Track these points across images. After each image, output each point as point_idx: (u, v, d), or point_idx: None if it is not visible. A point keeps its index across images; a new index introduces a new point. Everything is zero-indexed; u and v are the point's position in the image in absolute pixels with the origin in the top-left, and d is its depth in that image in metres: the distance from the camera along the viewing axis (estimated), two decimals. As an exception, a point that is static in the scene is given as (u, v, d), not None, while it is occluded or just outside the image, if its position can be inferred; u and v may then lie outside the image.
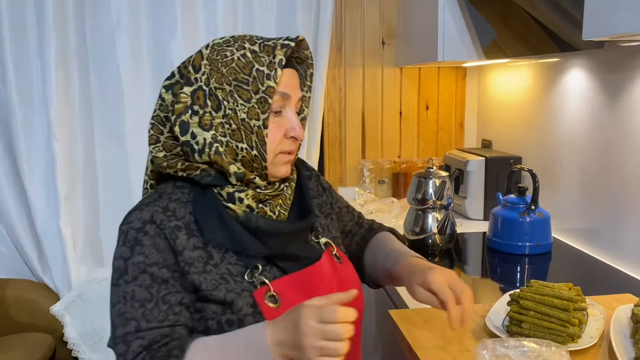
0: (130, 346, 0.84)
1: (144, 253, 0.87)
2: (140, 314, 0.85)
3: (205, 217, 0.91)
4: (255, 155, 0.92)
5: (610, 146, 1.62)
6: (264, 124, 0.91)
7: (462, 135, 2.62)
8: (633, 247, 1.53)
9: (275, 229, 0.93)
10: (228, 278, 0.90)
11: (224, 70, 0.91)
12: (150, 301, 0.86)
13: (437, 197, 1.72)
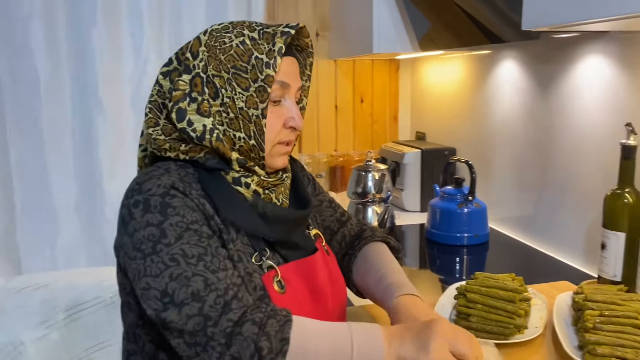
0: (207, 301, 0.77)
1: (179, 213, 0.83)
2: (202, 267, 0.79)
3: (218, 196, 0.88)
4: (253, 144, 0.90)
5: (543, 136, 1.66)
6: (263, 114, 0.88)
7: (397, 128, 2.63)
8: (566, 234, 1.58)
9: (281, 215, 0.93)
10: (242, 257, 0.88)
11: (222, 58, 0.88)
12: (206, 254, 0.81)
13: (376, 190, 1.70)
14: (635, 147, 1.22)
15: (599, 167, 1.44)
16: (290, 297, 0.89)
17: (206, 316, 0.76)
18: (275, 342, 0.74)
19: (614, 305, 1.02)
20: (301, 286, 0.92)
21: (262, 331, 0.75)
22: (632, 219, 1.23)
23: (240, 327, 0.75)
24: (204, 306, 0.77)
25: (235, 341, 0.74)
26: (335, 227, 1.15)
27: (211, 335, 0.75)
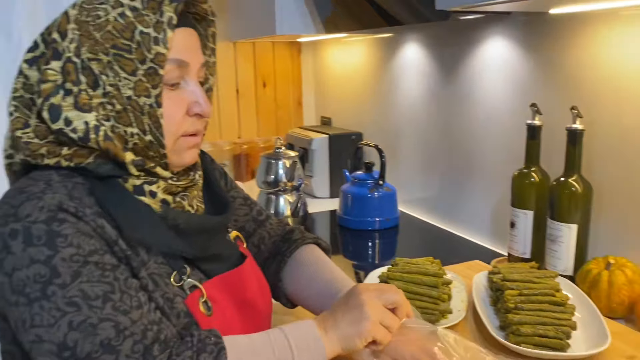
0: (121, 351, 0.64)
1: (73, 243, 0.67)
2: (110, 309, 0.66)
3: (119, 211, 0.72)
4: (150, 141, 0.74)
5: (449, 118, 1.68)
6: (157, 102, 0.73)
7: (301, 113, 2.57)
8: (474, 215, 1.62)
9: (198, 225, 0.80)
10: (159, 280, 0.74)
11: (97, 36, 0.71)
12: (113, 292, 0.67)
13: (288, 178, 1.64)
14: (540, 127, 1.25)
15: (506, 148, 1.48)
16: (218, 318, 0.78)
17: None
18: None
19: (530, 283, 1.04)
20: (228, 303, 0.81)
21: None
22: (538, 197, 1.27)
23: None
24: (118, 358, 0.64)
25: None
26: (251, 228, 1.02)
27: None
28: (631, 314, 1.07)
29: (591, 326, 0.97)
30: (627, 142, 1.15)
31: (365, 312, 0.75)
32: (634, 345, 0.95)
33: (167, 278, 0.75)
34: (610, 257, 1.12)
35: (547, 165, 1.29)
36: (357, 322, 0.75)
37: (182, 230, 0.77)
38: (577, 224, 1.17)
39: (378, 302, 0.77)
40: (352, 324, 0.75)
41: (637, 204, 1.14)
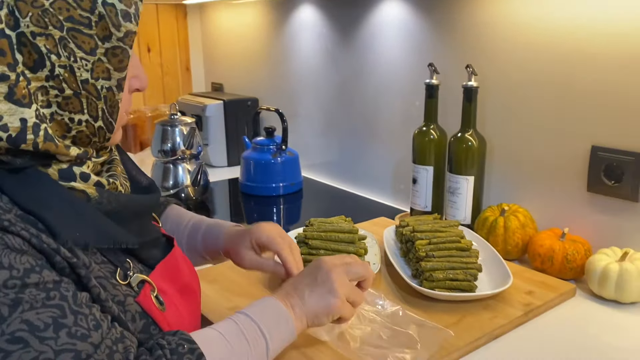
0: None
1: (4, 265, 0.53)
2: (66, 338, 0.54)
3: (45, 207, 0.60)
4: (100, 127, 0.65)
5: (347, 81, 1.70)
6: (120, 85, 0.63)
7: (190, 80, 2.47)
8: (374, 175, 1.66)
9: (138, 205, 0.70)
10: (105, 284, 0.64)
11: (46, 4, 0.58)
12: (64, 316, 0.55)
13: (186, 146, 1.56)
14: (438, 85, 1.31)
15: (405, 108, 1.53)
16: (172, 312, 0.70)
17: None
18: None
19: (438, 232, 1.09)
20: (174, 292, 0.74)
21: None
22: (437, 153, 1.33)
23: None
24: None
25: None
26: None
27: None
28: (524, 254, 1.17)
29: (493, 268, 1.05)
30: (516, 98, 1.24)
31: (334, 290, 0.75)
32: (530, 283, 1.04)
33: (112, 278, 0.65)
34: (504, 204, 1.21)
35: (445, 122, 1.35)
36: (325, 301, 0.74)
37: (119, 215, 0.67)
38: (474, 176, 1.25)
39: (345, 278, 0.77)
40: (320, 302, 0.74)
41: (526, 154, 1.24)
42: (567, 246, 1.07)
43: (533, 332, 0.91)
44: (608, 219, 1.10)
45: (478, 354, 0.85)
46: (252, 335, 0.68)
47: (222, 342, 0.66)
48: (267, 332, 0.69)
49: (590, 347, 0.87)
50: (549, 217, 1.21)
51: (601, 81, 1.07)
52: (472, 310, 0.94)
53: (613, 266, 0.98)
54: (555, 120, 1.17)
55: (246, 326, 0.69)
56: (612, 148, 1.07)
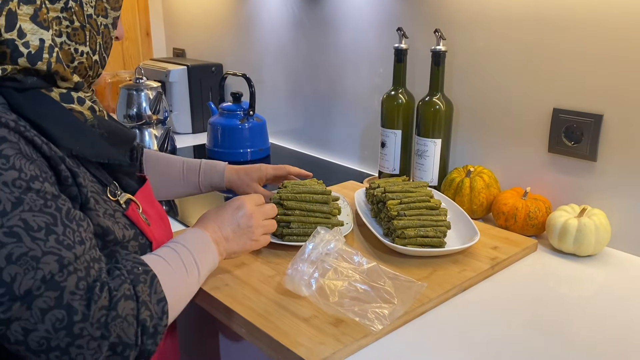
0: (66, 287, 0.59)
1: (15, 166, 0.60)
2: (53, 242, 0.60)
3: (53, 123, 0.67)
4: (96, 61, 0.73)
5: (314, 45, 1.70)
6: (114, 23, 0.75)
7: (151, 45, 2.40)
8: (342, 140, 1.68)
9: (124, 132, 0.80)
10: (97, 197, 0.71)
11: None
12: (56, 224, 0.61)
13: (153, 111, 1.54)
14: (406, 50, 1.33)
15: (373, 73, 1.54)
16: (154, 228, 0.81)
17: (69, 308, 0.59)
18: (155, 307, 0.67)
19: (408, 193, 1.13)
20: (155, 214, 0.84)
21: (138, 302, 0.65)
22: (405, 117, 1.36)
23: (115, 310, 0.62)
24: (63, 294, 0.59)
25: (114, 327, 0.62)
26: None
27: (79, 332, 0.59)
28: (488, 213, 1.22)
29: (461, 225, 1.10)
30: (482, 62, 1.28)
31: (252, 235, 0.88)
32: (495, 239, 1.09)
33: (102, 194, 0.73)
34: (469, 166, 1.26)
35: (412, 87, 1.38)
36: (245, 244, 0.88)
37: (109, 139, 0.75)
38: (441, 139, 1.28)
39: (261, 217, 0.91)
40: (240, 245, 0.87)
41: (489, 117, 1.29)
42: (529, 204, 1.13)
43: (499, 283, 0.97)
44: (567, 178, 1.16)
45: (449, 304, 0.90)
46: (188, 263, 0.76)
47: (166, 266, 0.73)
48: (199, 262, 0.78)
49: (550, 296, 0.93)
50: (512, 177, 1.26)
51: (563, 45, 1.12)
52: (442, 265, 0.98)
53: (572, 221, 1.04)
54: (519, 84, 1.21)
55: (184, 255, 0.76)
56: (573, 110, 1.12)
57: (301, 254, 0.85)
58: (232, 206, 0.88)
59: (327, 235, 0.88)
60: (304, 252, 0.85)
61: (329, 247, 0.87)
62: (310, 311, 0.83)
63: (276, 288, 0.89)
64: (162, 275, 0.70)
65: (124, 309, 0.63)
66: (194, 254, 0.77)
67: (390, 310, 0.82)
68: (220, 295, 0.88)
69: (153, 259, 0.73)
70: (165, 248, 0.76)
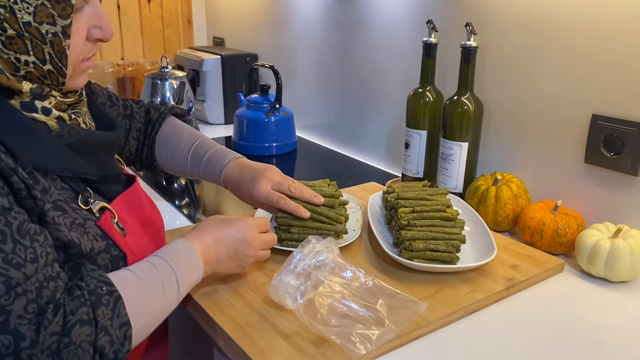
0: (12, 311, 0.55)
1: None
2: (0, 262, 0.56)
3: (9, 131, 0.63)
4: (50, 70, 0.67)
5: (346, 41, 1.62)
6: (65, 32, 0.65)
7: (192, 33, 2.40)
8: (370, 138, 1.61)
9: (97, 141, 0.75)
10: (65, 206, 0.67)
11: None
12: (4, 242, 0.57)
13: (176, 100, 1.51)
14: (436, 44, 1.23)
15: (403, 68, 1.45)
16: (132, 238, 0.75)
17: (16, 334, 0.55)
18: (116, 332, 0.62)
19: (423, 200, 1.04)
20: (135, 223, 0.78)
21: (97, 327, 0.60)
22: (432, 117, 1.27)
23: (69, 337, 0.58)
24: (9, 319, 0.55)
25: (66, 354, 0.58)
26: (127, 125, 1.03)
27: (27, 359, 0.56)
28: (515, 226, 1.12)
29: (479, 239, 1.00)
30: (516, 60, 1.16)
31: (246, 263, 0.83)
32: (516, 256, 0.99)
33: (72, 203, 0.69)
34: (497, 173, 1.16)
35: (442, 84, 1.28)
36: (234, 268, 0.83)
37: (80, 149, 0.71)
38: (468, 142, 1.19)
39: (259, 247, 0.85)
40: (229, 268, 0.82)
41: (522, 121, 1.18)
42: (559, 220, 1.02)
43: (513, 307, 0.87)
44: (604, 192, 1.04)
45: (451, 328, 0.81)
46: (167, 281, 0.70)
47: (138, 284, 0.67)
48: (180, 280, 0.72)
49: (572, 325, 0.83)
50: (543, 188, 1.15)
51: (607, 46, 0.99)
52: (450, 283, 0.90)
53: (604, 242, 0.93)
54: (556, 86, 1.10)
55: (164, 271, 0.71)
56: (614, 117, 1.00)
57: (287, 264, 0.80)
58: (236, 227, 0.82)
59: (319, 246, 0.81)
60: (290, 262, 0.79)
61: (319, 258, 0.81)
62: (295, 327, 0.77)
63: (265, 298, 0.84)
64: (131, 296, 0.65)
65: (79, 335, 0.59)
66: (175, 271, 0.72)
67: (379, 333, 0.75)
68: (205, 302, 0.83)
69: (124, 276, 0.67)
70: (144, 263, 0.71)
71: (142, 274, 0.69)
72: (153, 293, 0.68)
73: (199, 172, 1.02)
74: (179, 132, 1.06)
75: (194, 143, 1.03)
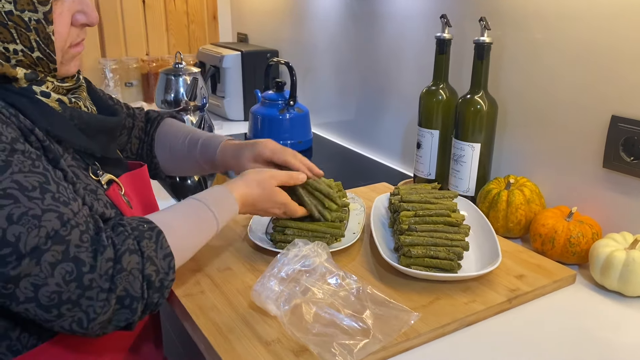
0: (71, 241, 0.61)
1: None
2: (50, 200, 0.61)
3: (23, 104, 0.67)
4: (39, 57, 0.68)
5: (363, 39, 1.58)
6: (47, 19, 0.66)
7: (217, 29, 2.39)
8: (385, 137, 1.56)
9: (100, 124, 0.77)
10: (78, 173, 0.72)
11: None
12: (48, 182, 0.62)
13: (189, 96, 1.50)
14: (450, 40, 1.18)
15: (418, 65, 1.40)
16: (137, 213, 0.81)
17: (76, 261, 0.60)
18: (161, 262, 0.67)
19: (427, 204, 1.00)
20: (139, 202, 0.84)
21: (144, 257, 0.66)
22: (445, 116, 1.21)
23: (120, 263, 0.64)
24: (69, 249, 0.60)
25: (120, 280, 0.63)
26: (130, 123, 1.04)
27: (89, 284, 0.61)
28: (527, 233, 1.06)
29: (485, 246, 0.95)
30: (533, 58, 1.10)
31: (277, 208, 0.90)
32: (524, 265, 0.94)
33: (85, 171, 0.73)
34: (511, 176, 1.10)
35: (457, 82, 1.23)
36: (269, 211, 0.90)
37: (86, 128, 0.74)
38: (481, 143, 1.13)
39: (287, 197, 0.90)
40: (265, 211, 0.89)
41: (538, 121, 1.11)
42: (572, 227, 0.95)
43: (515, 320, 0.82)
44: (623, 199, 0.97)
45: (444, 341, 0.77)
46: (205, 219, 0.77)
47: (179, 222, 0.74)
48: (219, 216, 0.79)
49: (579, 342, 0.77)
50: (559, 193, 1.08)
51: (631, 43, 0.92)
52: (448, 293, 0.85)
53: (619, 254, 0.86)
54: (575, 84, 1.03)
55: (202, 213, 0.77)
56: (634, 119, 0.93)
57: (271, 268, 0.77)
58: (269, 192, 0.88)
59: (305, 249, 0.78)
60: (274, 266, 0.76)
61: (305, 262, 0.77)
62: (277, 334, 0.74)
63: (251, 302, 0.81)
64: (174, 234, 0.70)
65: (129, 262, 0.64)
66: (217, 218, 0.78)
67: (362, 344, 0.71)
68: (189, 304, 0.81)
69: (166, 215, 0.74)
70: (187, 207, 0.77)
71: (180, 212, 0.76)
72: (190, 226, 0.75)
73: (196, 154, 1.01)
74: (177, 126, 1.08)
75: (192, 131, 1.05)
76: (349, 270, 0.89)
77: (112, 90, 2.12)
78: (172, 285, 0.70)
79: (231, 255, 0.96)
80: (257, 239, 0.96)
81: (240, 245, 0.99)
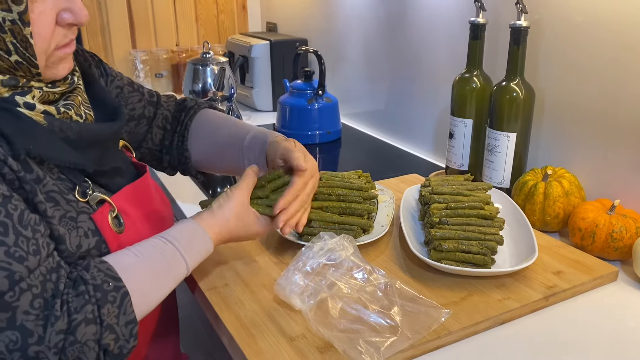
0: (18, 307, 0.54)
1: None
2: (3, 256, 0.54)
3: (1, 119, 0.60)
4: (18, 61, 0.62)
5: (395, 26, 1.53)
6: (22, 20, 0.60)
7: (246, 19, 2.38)
8: (416, 126, 1.52)
9: (92, 135, 0.69)
10: (59, 198, 0.64)
11: None
12: (5, 234, 0.55)
13: (217, 87, 1.49)
14: (484, 25, 1.13)
15: (450, 53, 1.35)
16: (131, 234, 0.72)
17: (23, 330, 0.54)
18: (122, 329, 0.61)
19: (459, 196, 0.96)
20: (139, 216, 0.75)
21: (103, 326, 0.59)
22: (479, 104, 1.16)
23: (74, 335, 0.57)
24: (15, 315, 0.54)
25: (72, 352, 0.57)
26: (151, 112, 0.95)
27: (34, 355, 0.55)
28: (565, 227, 1.01)
29: (521, 241, 0.91)
30: (574, 43, 1.04)
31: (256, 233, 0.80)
32: (563, 261, 0.89)
33: (68, 194, 0.66)
34: (549, 167, 1.04)
35: (492, 69, 1.18)
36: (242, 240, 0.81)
37: (73, 142, 0.66)
38: (517, 133, 1.08)
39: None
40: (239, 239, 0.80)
41: (579, 110, 1.05)
42: (615, 221, 0.90)
43: (551, 319, 0.78)
44: (671, 192, 0.91)
45: (475, 340, 0.73)
46: (173, 262, 0.69)
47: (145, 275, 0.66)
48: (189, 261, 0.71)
49: (621, 343, 0.72)
50: (600, 186, 1.03)
51: (680, 22, 0.86)
52: (481, 289, 0.81)
53: (666, 250, 0.81)
54: (617, 72, 0.97)
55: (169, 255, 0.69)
56: (685, 106, 0.87)
57: (295, 261, 0.74)
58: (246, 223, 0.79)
59: (330, 243, 0.76)
60: (298, 259, 0.74)
61: (331, 256, 0.75)
62: (301, 329, 0.72)
63: (275, 295, 0.79)
64: (139, 291, 0.63)
65: (84, 334, 0.58)
66: (185, 256, 0.70)
67: (390, 342, 0.68)
68: (213, 297, 0.80)
69: (130, 263, 0.65)
70: (150, 247, 0.69)
71: (147, 257, 0.67)
72: (160, 279, 0.67)
73: (241, 146, 0.92)
74: (219, 116, 0.99)
75: (237, 123, 0.97)
76: (377, 265, 0.86)
77: (143, 81, 2.13)
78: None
79: (257, 247, 0.94)
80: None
81: (267, 237, 0.97)
